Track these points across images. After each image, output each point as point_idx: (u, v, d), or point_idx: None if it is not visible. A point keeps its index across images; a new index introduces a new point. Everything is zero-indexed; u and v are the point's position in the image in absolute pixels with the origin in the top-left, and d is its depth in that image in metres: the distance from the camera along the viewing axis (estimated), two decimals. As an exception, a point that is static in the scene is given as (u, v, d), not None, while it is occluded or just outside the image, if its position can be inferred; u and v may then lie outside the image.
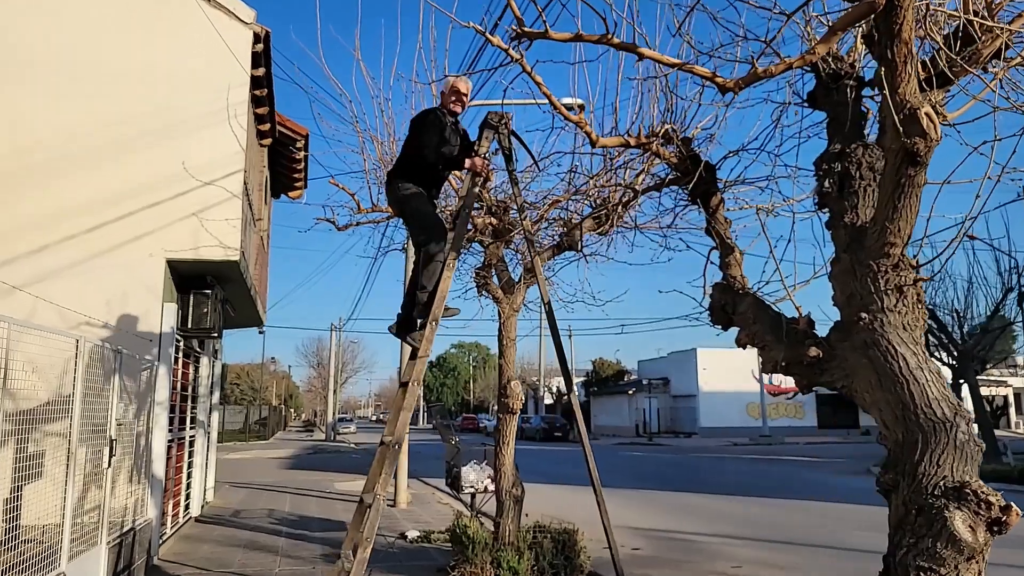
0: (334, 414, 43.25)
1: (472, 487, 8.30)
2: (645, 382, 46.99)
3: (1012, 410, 46.90)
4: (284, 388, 78.42)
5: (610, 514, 4.91)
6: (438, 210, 5.22)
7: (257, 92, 9.10)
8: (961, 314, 19.26)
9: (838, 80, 3.98)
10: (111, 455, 5.82)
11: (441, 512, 11.80)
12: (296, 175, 12.97)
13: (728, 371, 43.32)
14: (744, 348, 3.74)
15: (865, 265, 3.14)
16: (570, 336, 49.34)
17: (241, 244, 8.06)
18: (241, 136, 8.07)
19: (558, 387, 59.13)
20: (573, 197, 5.25)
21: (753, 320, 3.63)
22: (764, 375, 43.84)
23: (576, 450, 32.77)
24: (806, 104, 4.36)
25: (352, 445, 37.63)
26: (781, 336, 3.48)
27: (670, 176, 4.54)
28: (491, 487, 8.50)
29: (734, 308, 3.89)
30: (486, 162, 4.98)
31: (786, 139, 4.33)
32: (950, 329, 19.24)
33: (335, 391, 44.30)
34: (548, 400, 56.28)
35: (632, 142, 4.63)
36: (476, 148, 5.13)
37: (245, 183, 8.43)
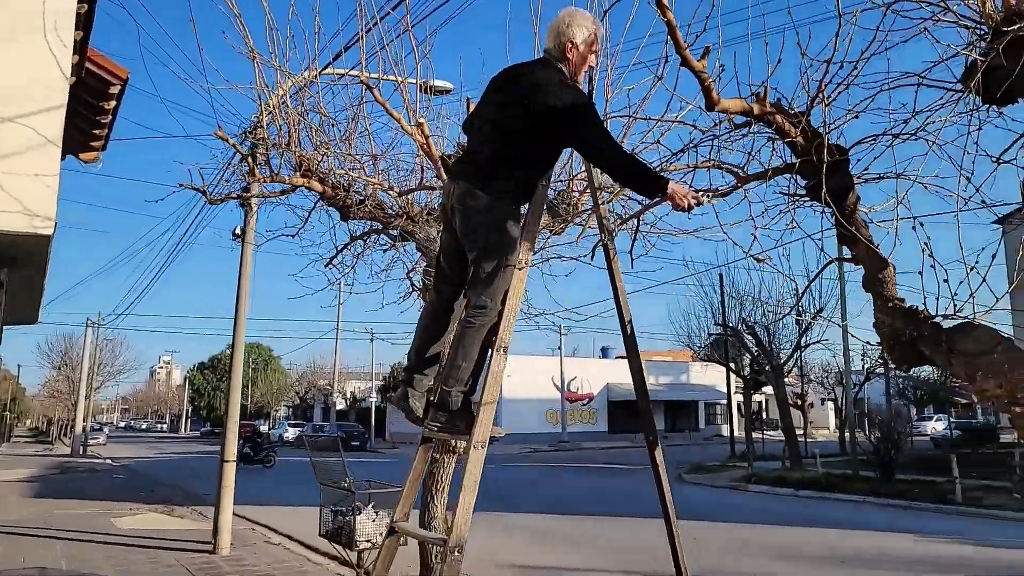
0: (86, 424, 36.60)
1: (369, 541, 6.56)
2: (450, 388, 46.01)
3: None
4: (7, 391, 65.84)
5: (474, 544, 3.40)
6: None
7: (77, 8, 6.53)
8: (771, 330, 20.87)
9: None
10: None
11: (280, 558, 9.68)
12: (97, 131, 9.95)
13: (530, 378, 43.86)
14: (990, 402, 2.72)
15: None
16: (371, 340, 47.58)
17: (56, 213, 5.59)
18: (64, 59, 5.61)
19: (352, 392, 56.04)
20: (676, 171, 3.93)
21: (1009, 367, 2.62)
22: (566, 382, 45.11)
23: (377, 461, 30.83)
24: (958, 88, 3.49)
25: (109, 461, 31.99)
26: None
27: (793, 163, 3.44)
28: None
29: (944, 344, 2.86)
30: (695, 195, 3.27)
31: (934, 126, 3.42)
32: (766, 344, 20.74)
33: (88, 396, 37.55)
34: (341, 405, 52.90)
35: (756, 110, 3.47)
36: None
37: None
